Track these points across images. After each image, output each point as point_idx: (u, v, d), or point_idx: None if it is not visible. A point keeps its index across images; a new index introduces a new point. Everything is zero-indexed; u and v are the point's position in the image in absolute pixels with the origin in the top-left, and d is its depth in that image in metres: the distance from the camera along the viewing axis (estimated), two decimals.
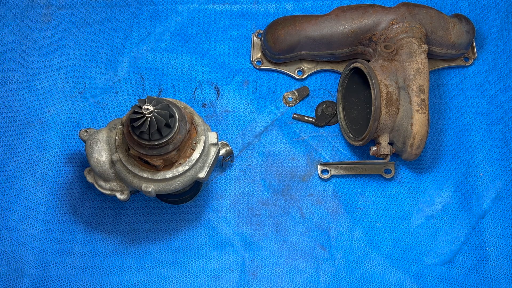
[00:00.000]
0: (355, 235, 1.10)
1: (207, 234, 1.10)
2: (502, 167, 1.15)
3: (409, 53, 1.07)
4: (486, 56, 1.24)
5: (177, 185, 0.92)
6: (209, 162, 0.94)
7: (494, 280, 1.07)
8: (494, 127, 1.18)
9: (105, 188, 0.98)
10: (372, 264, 1.08)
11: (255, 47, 1.23)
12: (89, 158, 0.95)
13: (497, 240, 1.10)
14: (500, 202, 1.12)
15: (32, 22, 1.25)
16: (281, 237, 1.10)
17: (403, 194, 1.13)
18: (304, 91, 1.20)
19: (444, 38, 1.15)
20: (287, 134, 1.17)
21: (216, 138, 0.96)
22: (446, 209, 1.12)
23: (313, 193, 1.13)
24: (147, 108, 0.84)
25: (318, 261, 1.08)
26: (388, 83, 1.05)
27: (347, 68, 1.13)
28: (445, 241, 1.10)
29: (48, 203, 1.11)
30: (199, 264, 1.08)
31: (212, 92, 1.20)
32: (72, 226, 1.09)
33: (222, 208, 1.12)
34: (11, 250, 1.07)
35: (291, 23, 1.16)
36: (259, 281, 1.07)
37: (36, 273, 1.06)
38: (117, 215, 1.10)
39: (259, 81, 1.21)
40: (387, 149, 1.07)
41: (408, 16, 1.12)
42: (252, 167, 1.15)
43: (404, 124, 1.05)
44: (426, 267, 1.08)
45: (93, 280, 1.06)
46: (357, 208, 1.12)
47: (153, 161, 0.89)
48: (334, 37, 1.14)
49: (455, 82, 1.22)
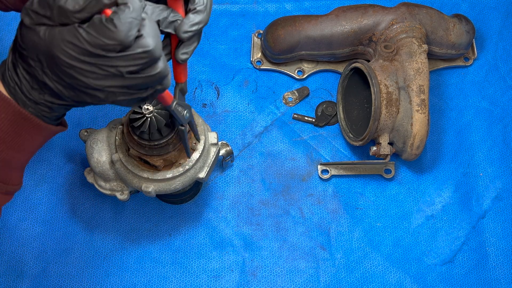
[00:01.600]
0: (355, 235, 1.10)
1: (207, 234, 1.10)
2: (502, 167, 1.15)
3: (409, 53, 1.07)
4: (486, 56, 1.24)
5: (177, 185, 0.92)
6: (209, 162, 0.94)
7: (494, 280, 1.07)
8: (494, 127, 1.18)
9: (105, 188, 0.98)
10: (372, 264, 1.08)
11: (255, 47, 1.23)
12: (89, 158, 0.95)
13: (497, 240, 1.10)
14: (500, 202, 1.12)
15: None
16: (281, 237, 1.10)
17: (403, 194, 1.13)
18: (304, 91, 1.20)
19: (444, 38, 1.15)
20: (287, 134, 1.17)
21: (216, 138, 0.96)
22: (446, 209, 1.12)
23: (313, 193, 1.13)
24: (147, 108, 0.84)
25: (318, 261, 1.08)
26: (388, 83, 1.05)
27: (347, 68, 1.14)
28: (445, 241, 1.10)
29: (48, 203, 1.11)
30: (199, 264, 1.08)
31: (212, 92, 1.20)
32: (72, 226, 1.09)
33: (222, 208, 1.12)
34: (11, 250, 1.07)
35: (291, 23, 1.16)
36: (259, 281, 1.07)
37: (36, 273, 1.06)
38: (117, 215, 1.10)
39: (259, 81, 1.21)
40: (387, 149, 1.07)
41: (408, 16, 1.12)
42: (252, 167, 1.15)
43: (404, 124, 1.05)
44: (426, 267, 1.08)
45: (93, 280, 1.06)
46: (357, 208, 1.12)
47: (153, 161, 0.89)
48: (334, 37, 1.14)
49: (455, 82, 1.22)
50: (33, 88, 0.63)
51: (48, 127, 0.66)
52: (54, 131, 0.68)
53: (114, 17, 0.57)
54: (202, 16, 0.69)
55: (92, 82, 0.60)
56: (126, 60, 0.59)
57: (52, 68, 0.60)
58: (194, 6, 0.69)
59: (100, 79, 0.60)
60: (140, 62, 0.59)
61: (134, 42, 0.58)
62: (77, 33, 0.57)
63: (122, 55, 0.58)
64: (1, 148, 0.65)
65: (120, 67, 0.59)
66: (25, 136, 0.65)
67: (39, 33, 0.59)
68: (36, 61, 0.61)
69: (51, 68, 0.60)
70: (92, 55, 0.58)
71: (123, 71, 0.59)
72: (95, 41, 0.57)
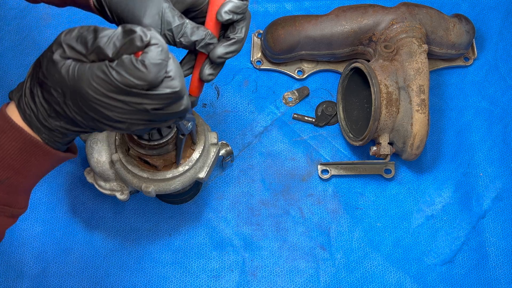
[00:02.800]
0: (355, 235, 1.10)
1: (207, 234, 1.10)
2: (502, 167, 1.15)
3: (409, 53, 1.07)
4: (486, 56, 1.24)
5: (177, 185, 0.92)
6: (209, 162, 0.94)
7: (494, 280, 1.07)
8: (494, 127, 1.18)
9: (105, 188, 0.98)
10: (372, 264, 1.08)
11: (255, 47, 1.23)
12: (89, 158, 0.95)
13: (497, 240, 1.10)
14: (500, 202, 1.12)
15: (32, 22, 1.25)
16: (281, 237, 1.10)
17: (403, 194, 1.13)
18: (304, 91, 1.20)
19: (444, 38, 1.15)
20: (287, 134, 1.17)
21: (216, 138, 0.96)
22: (446, 209, 1.12)
23: (313, 193, 1.13)
24: None
25: (318, 261, 1.08)
26: (388, 83, 1.05)
27: (347, 68, 1.13)
28: (445, 241, 1.10)
29: (48, 203, 1.11)
30: (199, 264, 1.08)
31: (212, 92, 1.20)
32: (72, 226, 1.09)
33: (222, 208, 1.12)
34: (11, 250, 1.07)
35: (291, 23, 1.16)
36: (259, 281, 1.07)
37: (36, 273, 1.06)
38: (117, 215, 1.10)
39: (259, 81, 1.21)
40: (387, 149, 1.07)
41: (408, 16, 1.12)
42: (252, 167, 1.15)
43: (404, 124, 1.05)
44: (426, 267, 1.08)
45: (93, 280, 1.06)
46: (357, 208, 1.12)
47: (153, 161, 0.89)
48: (334, 37, 1.14)
49: (455, 82, 1.22)
50: (50, 116, 0.64)
51: (57, 154, 0.67)
52: (63, 157, 0.69)
53: (145, 58, 0.58)
54: (237, 46, 0.73)
55: (116, 116, 0.61)
56: (153, 99, 0.60)
57: (75, 101, 0.61)
58: (233, 35, 0.72)
59: (125, 114, 0.61)
60: (166, 102, 0.61)
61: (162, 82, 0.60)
62: (107, 72, 0.58)
63: (150, 94, 0.60)
64: (9, 174, 0.65)
65: (146, 105, 0.61)
66: (34, 162, 0.66)
67: (67, 67, 0.60)
68: (58, 93, 0.61)
69: (74, 101, 0.61)
70: (121, 93, 0.59)
71: (149, 108, 0.61)
72: (125, 81, 0.58)
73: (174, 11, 0.69)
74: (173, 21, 0.69)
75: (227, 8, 0.70)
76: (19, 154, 0.65)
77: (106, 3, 0.71)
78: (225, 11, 0.70)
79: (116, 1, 0.69)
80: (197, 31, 0.70)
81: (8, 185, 0.66)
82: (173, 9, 0.69)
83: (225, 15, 0.70)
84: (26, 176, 0.67)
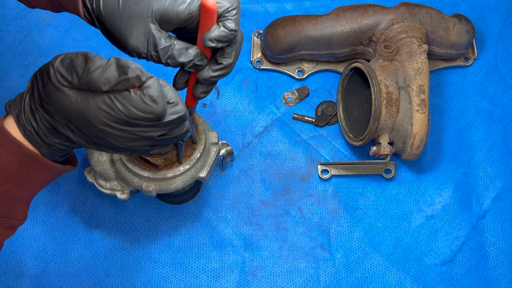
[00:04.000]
0: (355, 235, 1.10)
1: (207, 234, 1.10)
2: (502, 167, 1.15)
3: (409, 53, 1.07)
4: (486, 56, 1.24)
5: (177, 184, 0.92)
6: (209, 161, 0.94)
7: (494, 280, 1.07)
8: (494, 127, 1.18)
9: (105, 187, 0.98)
10: (372, 264, 1.08)
11: (255, 47, 1.23)
12: (89, 158, 0.95)
13: (497, 240, 1.10)
14: (500, 202, 1.12)
15: (32, 22, 1.25)
16: (281, 237, 1.10)
17: (403, 194, 1.13)
18: (304, 91, 1.20)
19: (444, 38, 1.15)
20: (287, 134, 1.17)
21: (217, 137, 0.96)
22: (446, 209, 1.12)
23: (313, 193, 1.13)
24: None
25: (318, 261, 1.08)
26: (388, 83, 1.05)
27: (347, 68, 1.14)
28: (445, 241, 1.10)
29: (48, 203, 1.11)
30: (199, 264, 1.08)
31: (212, 92, 1.20)
32: (72, 226, 1.09)
33: (222, 208, 1.12)
34: (11, 250, 1.07)
35: (291, 23, 1.16)
36: (259, 281, 1.07)
37: (36, 273, 1.06)
38: (117, 215, 1.10)
39: (259, 81, 1.21)
40: (387, 149, 1.07)
41: (408, 16, 1.12)
42: (252, 167, 1.15)
43: (404, 124, 1.05)
44: (426, 267, 1.08)
45: (93, 280, 1.06)
46: (357, 208, 1.12)
47: (154, 160, 0.89)
48: (334, 37, 1.14)
49: (455, 82, 1.22)
50: (50, 133, 0.64)
51: (56, 167, 0.67)
52: (62, 170, 0.69)
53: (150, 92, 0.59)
54: (225, 70, 0.72)
55: (122, 144, 0.62)
56: (159, 127, 0.62)
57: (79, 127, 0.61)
58: (222, 60, 0.71)
59: (130, 141, 0.62)
60: (172, 127, 0.63)
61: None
62: (113, 105, 0.59)
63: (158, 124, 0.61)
64: (8, 187, 0.65)
65: (152, 133, 0.62)
66: (33, 175, 0.66)
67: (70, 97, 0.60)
68: (62, 118, 0.62)
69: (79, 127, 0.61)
70: (128, 125, 0.60)
71: (155, 136, 0.62)
72: (134, 115, 0.59)
73: (160, 32, 0.68)
74: (160, 43, 0.68)
75: (213, 36, 0.68)
76: (18, 167, 0.65)
77: (95, 15, 0.70)
78: (209, 38, 0.68)
79: (104, 16, 0.69)
80: (186, 52, 0.69)
81: (6, 198, 0.66)
82: (159, 30, 0.68)
83: (209, 43, 0.68)
84: (25, 189, 0.68)
